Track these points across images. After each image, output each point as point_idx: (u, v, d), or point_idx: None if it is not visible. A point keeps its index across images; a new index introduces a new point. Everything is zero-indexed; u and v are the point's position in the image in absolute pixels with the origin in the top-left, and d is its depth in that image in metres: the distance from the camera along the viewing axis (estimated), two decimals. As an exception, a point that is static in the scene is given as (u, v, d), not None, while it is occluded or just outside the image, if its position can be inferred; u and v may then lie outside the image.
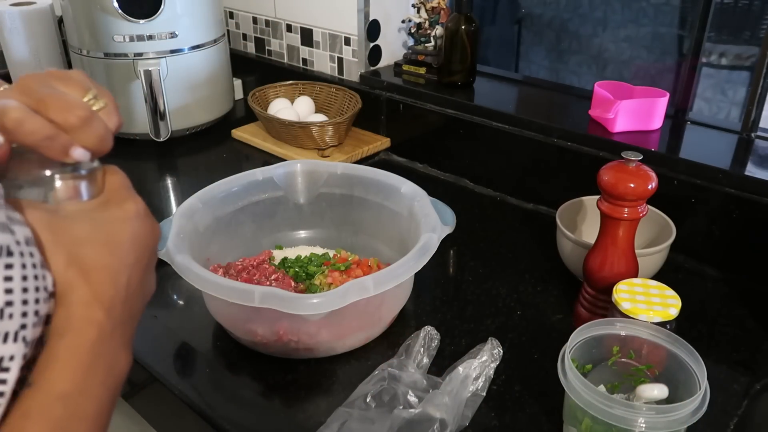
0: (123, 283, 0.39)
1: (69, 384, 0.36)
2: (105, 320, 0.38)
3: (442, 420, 0.63)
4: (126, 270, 0.40)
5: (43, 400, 0.35)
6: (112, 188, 0.42)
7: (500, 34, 2.04)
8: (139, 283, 0.41)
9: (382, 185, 0.88)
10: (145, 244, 0.41)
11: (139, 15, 1.16)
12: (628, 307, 0.65)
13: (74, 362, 0.36)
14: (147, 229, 0.42)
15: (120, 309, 0.39)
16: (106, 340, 0.38)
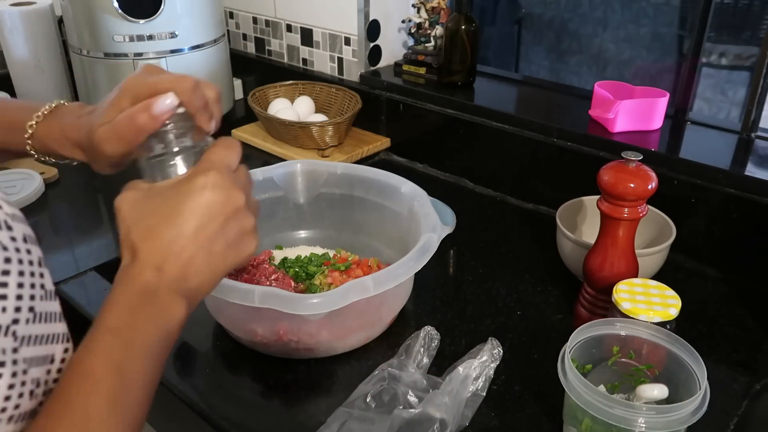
0: (177, 250, 0.46)
1: (116, 320, 0.43)
2: (153, 278, 0.45)
3: (442, 420, 0.63)
4: (182, 238, 0.46)
5: (97, 333, 0.43)
6: (201, 162, 0.49)
7: (500, 34, 2.04)
8: (203, 248, 0.46)
9: (382, 185, 0.88)
10: (210, 214, 0.47)
11: (139, 15, 1.16)
12: (628, 307, 0.65)
13: (121, 305, 0.44)
14: (213, 200, 0.47)
15: (174, 270, 0.45)
16: (153, 292, 0.44)
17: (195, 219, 0.46)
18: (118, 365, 0.42)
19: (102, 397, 0.41)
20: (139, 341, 0.43)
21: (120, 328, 0.43)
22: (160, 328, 0.45)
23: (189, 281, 0.46)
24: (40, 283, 0.41)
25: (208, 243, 0.47)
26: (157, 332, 0.44)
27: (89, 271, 0.88)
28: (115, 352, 0.42)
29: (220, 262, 0.48)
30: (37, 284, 0.40)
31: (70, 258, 0.93)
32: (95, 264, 0.90)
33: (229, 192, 0.48)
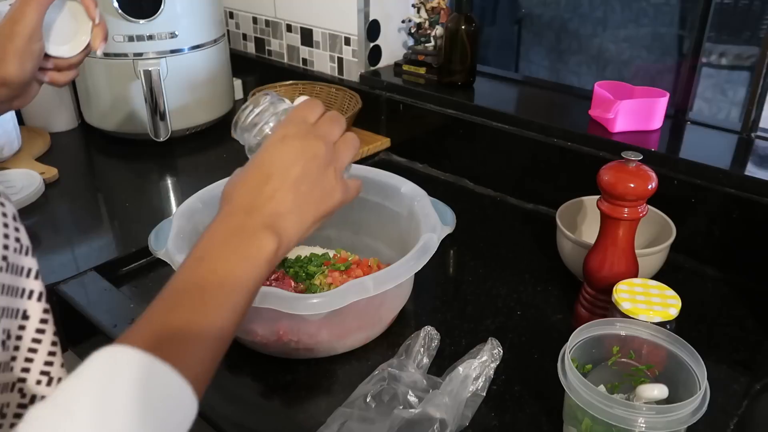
0: (264, 191, 0.51)
1: (204, 251, 0.47)
2: (242, 216, 0.49)
3: (442, 420, 0.63)
4: (268, 182, 0.51)
5: (187, 260, 0.47)
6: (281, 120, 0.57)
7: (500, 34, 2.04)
8: (288, 189, 0.51)
9: (382, 185, 0.88)
10: (290, 159, 0.53)
11: (139, 15, 1.16)
12: (628, 307, 0.65)
13: (210, 240, 0.48)
14: (291, 147, 0.53)
15: (261, 208, 0.50)
16: (241, 227, 0.49)
17: (277, 164, 0.52)
18: (202, 288, 0.45)
19: (179, 314, 0.43)
20: (223, 269, 0.46)
21: (206, 256, 0.47)
22: (246, 259, 0.47)
23: (279, 219, 0.50)
24: (15, 236, 0.43)
25: (292, 184, 0.52)
26: (242, 263, 0.47)
27: (89, 271, 0.88)
28: (198, 274, 0.45)
29: (308, 202, 0.53)
30: (12, 236, 0.42)
31: (70, 258, 0.93)
32: (95, 264, 0.90)
33: (306, 140, 0.54)
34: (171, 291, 0.45)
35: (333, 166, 0.55)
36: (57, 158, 1.23)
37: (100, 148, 1.30)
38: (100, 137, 1.31)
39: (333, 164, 0.55)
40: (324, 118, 0.58)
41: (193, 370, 0.41)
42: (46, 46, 0.72)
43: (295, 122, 0.55)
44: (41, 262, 0.97)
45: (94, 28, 0.74)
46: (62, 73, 0.77)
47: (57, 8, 0.70)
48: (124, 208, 1.09)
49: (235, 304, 0.46)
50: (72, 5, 0.73)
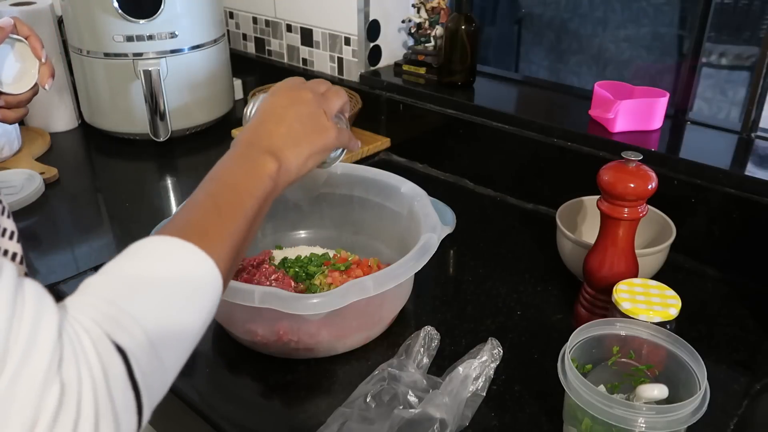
0: (263, 127, 0.61)
1: (215, 172, 0.56)
2: (246, 147, 0.59)
3: (442, 420, 0.63)
4: (265, 121, 0.61)
5: (200, 184, 0.55)
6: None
7: (500, 34, 2.04)
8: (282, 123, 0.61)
9: (382, 185, 0.88)
10: (282, 102, 0.63)
11: (139, 15, 1.16)
12: (628, 307, 0.65)
13: (221, 165, 0.57)
14: (282, 94, 0.64)
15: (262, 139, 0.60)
16: (246, 154, 0.58)
17: (270, 110, 0.63)
18: (214, 195, 0.53)
19: (198, 214, 0.51)
20: (233, 181, 0.55)
21: (219, 175, 0.56)
22: (251, 174, 0.56)
23: (276, 147, 0.59)
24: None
25: (285, 124, 0.61)
26: (248, 176, 0.56)
27: (89, 271, 0.88)
28: (213, 187, 0.54)
29: (302, 137, 0.62)
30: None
31: (70, 258, 0.93)
32: (95, 264, 0.90)
33: (293, 90, 0.65)
34: (189, 203, 0.52)
35: (322, 109, 0.64)
36: (57, 158, 1.23)
37: (100, 148, 1.30)
38: (100, 137, 1.31)
39: (322, 107, 0.65)
40: (312, 80, 0.69)
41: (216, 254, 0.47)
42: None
43: (283, 82, 0.67)
44: (41, 262, 0.97)
45: (41, 67, 0.81)
46: (13, 111, 0.82)
47: (7, 49, 0.79)
48: (124, 208, 1.09)
49: (246, 209, 0.53)
50: (20, 46, 0.80)
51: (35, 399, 0.33)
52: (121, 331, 0.39)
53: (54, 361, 0.34)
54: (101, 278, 0.42)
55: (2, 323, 0.33)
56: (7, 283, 0.35)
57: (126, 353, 0.38)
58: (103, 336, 0.38)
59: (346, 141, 0.69)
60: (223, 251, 0.49)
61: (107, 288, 0.41)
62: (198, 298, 0.46)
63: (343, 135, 0.67)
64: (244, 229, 0.52)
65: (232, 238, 0.50)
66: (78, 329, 0.37)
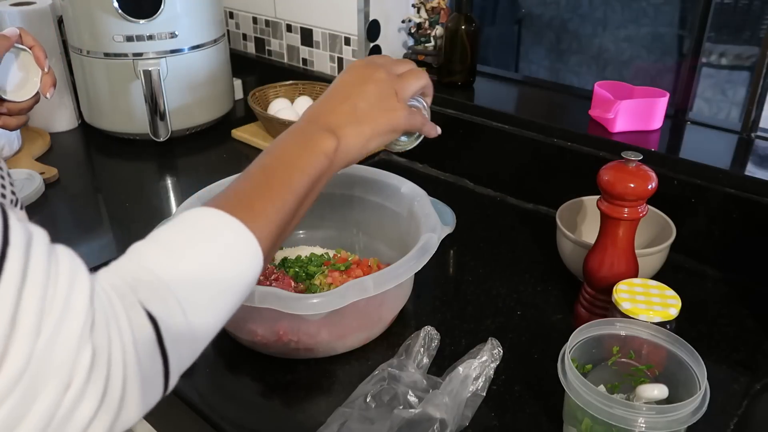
0: (327, 105, 0.61)
1: (273, 148, 0.56)
2: (308, 124, 0.59)
3: (442, 420, 0.63)
4: (331, 99, 0.61)
5: (262, 153, 0.56)
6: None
7: (500, 34, 2.04)
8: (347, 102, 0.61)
9: (382, 185, 0.88)
10: (351, 81, 0.62)
11: (139, 15, 1.16)
12: (628, 307, 0.65)
13: (277, 141, 0.57)
14: (352, 72, 0.63)
15: (324, 117, 0.60)
16: (304, 130, 0.58)
17: (338, 86, 0.62)
18: (266, 168, 0.54)
19: (248, 187, 0.52)
20: (287, 155, 0.55)
21: (274, 148, 0.56)
22: (306, 150, 0.56)
23: (338, 125, 0.59)
24: (11, 189, 0.48)
25: (351, 102, 0.60)
26: (304, 153, 0.56)
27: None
28: (266, 160, 0.55)
29: (366, 117, 0.60)
30: (8, 188, 0.48)
31: (70, 258, 0.93)
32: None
33: (366, 68, 0.63)
34: (243, 175, 0.53)
35: (394, 90, 0.63)
36: (57, 158, 1.23)
37: (100, 148, 1.30)
38: (100, 137, 1.31)
39: (395, 87, 0.63)
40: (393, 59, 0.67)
41: (260, 231, 0.48)
42: (1, 91, 0.80)
43: (359, 60, 0.66)
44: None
45: (44, 76, 0.83)
46: (14, 118, 0.84)
47: (11, 58, 0.81)
48: (124, 208, 1.09)
49: (296, 186, 0.53)
50: (24, 55, 0.82)
51: (70, 361, 0.34)
52: (156, 299, 0.40)
53: (87, 326, 0.35)
54: (147, 245, 0.44)
55: (38, 288, 0.34)
56: (41, 248, 0.36)
57: (157, 321, 0.40)
58: (136, 303, 0.40)
59: (418, 124, 0.66)
60: (267, 227, 0.49)
61: (151, 255, 0.43)
62: (237, 272, 0.46)
63: (415, 118, 0.65)
64: (292, 207, 0.53)
65: (278, 214, 0.51)
66: (112, 295, 0.39)
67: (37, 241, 0.37)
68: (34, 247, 0.36)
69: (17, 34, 0.81)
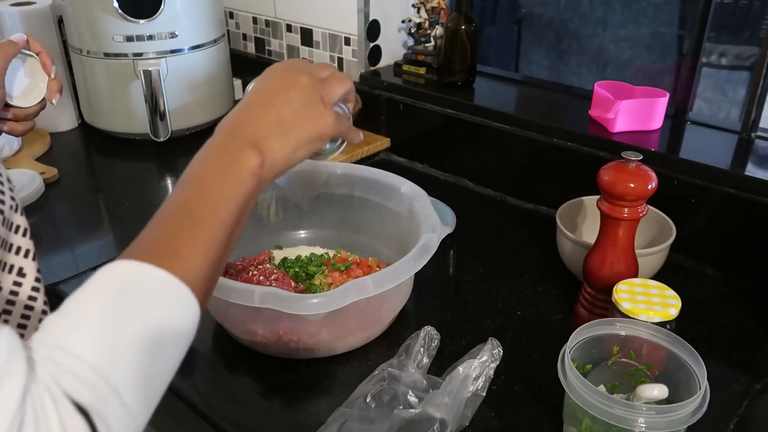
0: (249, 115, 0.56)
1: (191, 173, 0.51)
2: (226, 138, 0.53)
3: (442, 420, 0.63)
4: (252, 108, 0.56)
5: (176, 185, 0.51)
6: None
7: (500, 34, 2.04)
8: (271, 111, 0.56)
9: (382, 185, 0.88)
10: (273, 88, 0.57)
11: (139, 15, 1.16)
12: (628, 307, 0.65)
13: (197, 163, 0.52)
14: (274, 78, 0.58)
15: (246, 129, 0.54)
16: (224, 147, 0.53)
17: (259, 94, 0.57)
18: (188, 203, 0.48)
19: (169, 229, 0.47)
20: (209, 184, 0.50)
21: (194, 176, 0.51)
22: (230, 174, 0.51)
23: (261, 138, 0.54)
24: (10, 195, 0.47)
25: (274, 110, 0.56)
26: (228, 178, 0.50)
27: (89, 271, 0.88)
28: (186, 194, 0.49)
29: (292, 125, 0.56)
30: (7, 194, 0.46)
31: (70, 258, 0.93)
32: (95, 264, 0.90)
33: (287, 72, 0.59)
34: (160, 214, 0.48)
35: (319, 95, 0.59)
36: (57, 158, 1.23)
37: (100, 148, 1.30)
38: (100, 137, 1.31)
39: (319, 93, 0.59)
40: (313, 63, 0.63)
41: (191, 276, 0.43)
42: (8, 96, 0.80)
43: (280, 64, 0.61)
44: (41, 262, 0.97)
45: (50, 82, 0.84)
46: (20, 123, 0.83)
47: (19, 64, 0.82)
48: (124, 208, 1.09)
49: (223, 217, 0.48)
50: (31, 61, 0.83)
51: None
52: (82, 387, 0.36)
53: (14, 428, 0.32)
54: (61, 321, 0.39)
55: None
56: None
57: (88, 412, 0.35)
58: (63, 396, 0.35)
59: (345, 131, 0.63)
60: (199, 270, 0.45)
61: (65, 335, 0.38)
62: (171, 333, 0.42)
63: (341, 124, 0.61)
64: (223, 240, 0.48)
65: (209, 252, 0.46)
66: (40, 389, 0.35)
67: None
68: None
69: (24, 40, 0.82)
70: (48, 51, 0.84)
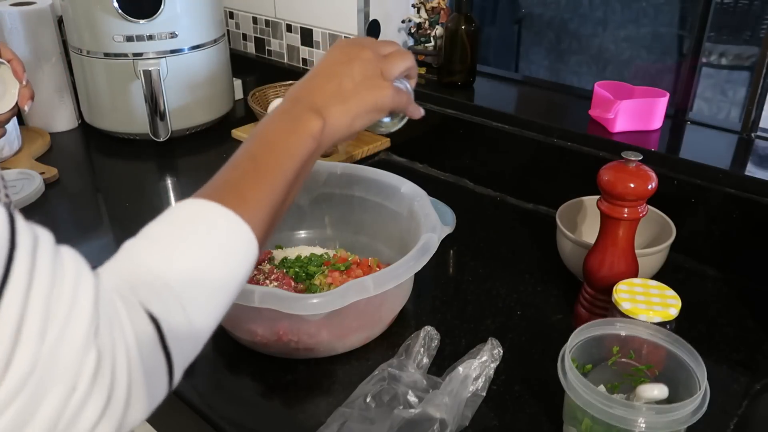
0: (312, 83, 0.60)
1: (259, 129, 0.56)
2: (292, 103, 0.58)
3: (442, 420, 0.63)
4: (316, 77, 0.61)
5: (244, 142, 0.55)
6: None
7: (500, 34, 2.04)
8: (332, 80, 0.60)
9: (382, 185, 0.88)
10: (335, 60, 0.61)
11: (139, 15, 1.16)
12: (628, 307, 0.65)
13: (265, 123, 0.56)
14: (338, 51, 0.62)
15: (308, 96, 0.59)
16: (290, 110, 0.57)
17: (323, 65, 0.61)
18: (254, 154, 0.53)
19: (237, 174, 0.51)
20: (274, 140, 0.54)
21: (260, 133, 0.55)
22: (294, 134, 0.55)
23: (323, 104, 0.58)
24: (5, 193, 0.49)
25: (336, 80, 0.60)
26: (291, 136, 0.55)
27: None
28: (253, 146, 0.54)
29: (352, 95, 0.59)
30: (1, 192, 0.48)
31: (70, 258, 0.93)
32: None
33: (351, 46, 0.62)
34: (229, 163, 0.52)
35: (380, 69, 0.62)
36: (57, 158, 1.23)
37: (100, 148, 1.30)
38: (100, 137, 1.31)
39: (380, 67, 0.62)
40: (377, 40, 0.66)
41: (253, 218, 0.48)
42: None
43: (349, 39, 0.65)
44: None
45: (22, 89, 0.84)
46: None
47: None
48: (124, 208, 1.09)
49: (285, 170, 0.53)
50: (2, 69, 0.84)
51: (75, 364, 0.34)
52: (156, 299, 0.41)
53: (91, 329, 0.35)
54: (141, 242, 0.45)
55: (44, 291, 0.34)
56: (46, 251, 0.36)
57: (158, 321, 0.40)
58: (137, 304, 0.40)
59: (404, 104, 0.65)
60: (260, 214, 0.49)
61: (145, 252, 0.44)
62: (233, 264, 0.47)
63: (401, 97, 0.64)
64: (282, 191, 0.53)
65: (269, 200, 0.51)
66: (113, 297, 0.39)
67: (42, 243, 0.37)
68: (40, 250, 0.36)
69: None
70: (19, 58, 0.84)
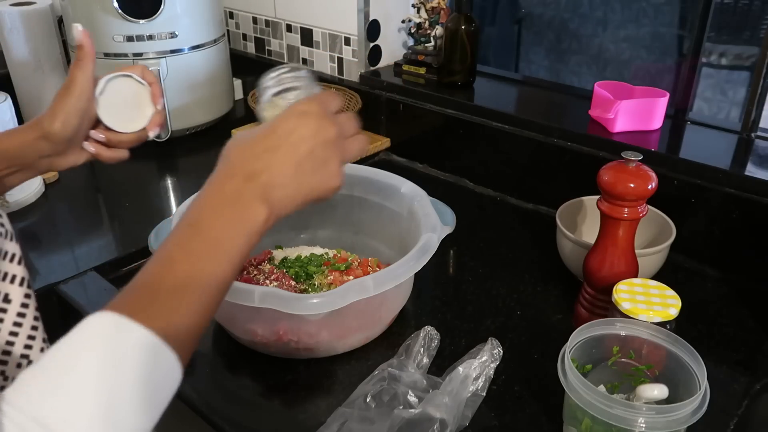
0: (267, 161, 0.50)
1: (197, 217, 0.48)
2: (240, 184, 0.49)
3: (442, 420, 0.63)
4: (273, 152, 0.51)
5: (178, 226, 0.48)
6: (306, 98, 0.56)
7: (500, 34, 2.04)
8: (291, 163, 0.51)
9: (382, 185, 0.88)
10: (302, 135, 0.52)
11: (139, 15, 1.16)
12: (628, 307, 0.65)
13: (205, 205, 0.48)
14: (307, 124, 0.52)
15: (261, 178, 0.49)
16: (237, 196, 0.49)
17: (289, 137, 0.52)
18: (191, 253, 0.46)
19: (173, 277, 0.44)
20: (215, 237, 0.47)
21: (199, 223, 0.48)
22: (238, 229, 0.48)
23: (274, 190, 0.50)
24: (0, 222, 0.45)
25: (296, 160, 0.51)
26: (234, 233, 0.48)
27: (89, 271, 0.88)
28: (191, 242, 0.46)
29: (306, 182, 0.52)
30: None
31: (70, 258, 0.93)
32: (95, 264, 0.90)
33: (323, 121, 0.53)
34: (161, 256, 0.46)
35: (339, 157, 0.55)
36: (57, 158, 1.23)
37: (100, 148, 1.30)
38: (100, 137, 1.31)
39: (340, 154, 0.55)
40: (343, 113, 0.58)
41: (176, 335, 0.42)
42: (101, 115, 0.75)
43: (317, 103, 0.54)
44: (41, 262, 0.97)
45: (155, 114, 0.78)
46: (111, 150, 0.78)
47: (130, 90, 0.76)
48: (124, 208, 1.09)
49: (224, 272, 0.47)
50: (141, 90, 0.78)
51: None
52: None
53: None
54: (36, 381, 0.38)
55: None
56: None
57: None
58: None
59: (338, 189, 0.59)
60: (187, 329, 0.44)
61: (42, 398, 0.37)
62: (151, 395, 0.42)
63: (341, 185, 0.57)
64: (217, 297, 0.47)
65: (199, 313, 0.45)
66: None
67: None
68: None
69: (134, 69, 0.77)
70: (160, 84, 0.79)
